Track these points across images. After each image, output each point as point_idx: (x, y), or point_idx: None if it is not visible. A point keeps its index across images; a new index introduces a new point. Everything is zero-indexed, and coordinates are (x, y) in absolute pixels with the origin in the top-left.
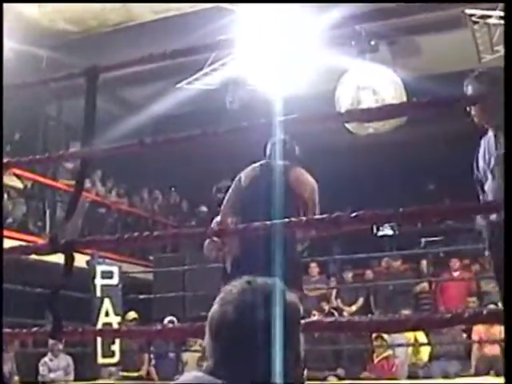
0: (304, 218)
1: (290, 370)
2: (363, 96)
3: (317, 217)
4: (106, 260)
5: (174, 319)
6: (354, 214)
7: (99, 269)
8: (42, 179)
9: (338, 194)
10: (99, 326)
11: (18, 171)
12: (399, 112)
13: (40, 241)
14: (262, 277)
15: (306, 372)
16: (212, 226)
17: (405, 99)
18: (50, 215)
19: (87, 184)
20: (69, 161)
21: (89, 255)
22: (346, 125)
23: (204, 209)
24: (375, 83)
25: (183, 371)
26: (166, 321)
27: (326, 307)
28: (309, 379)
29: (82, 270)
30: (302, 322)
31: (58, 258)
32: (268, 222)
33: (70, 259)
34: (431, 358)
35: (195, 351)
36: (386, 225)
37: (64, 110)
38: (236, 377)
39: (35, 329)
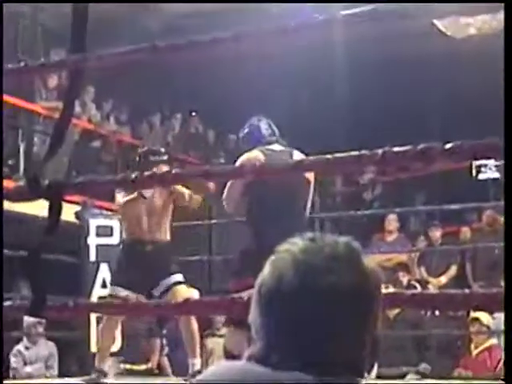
0: (380, 151)
1: (364, 360)
2: None
3: (398, 149)
4: (103, 211)
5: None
6: (448, 146)
7: (94, 223)
8: (13, 100)
9: (425, 119)
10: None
11: None
12: None
13: (12, 184)
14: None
15: (375, 367)
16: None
17: None
18: (25, 150)
19: (76, 107)
20: (52, 73)
21: (79, 205)
22: (438, 24)
23: (233, 136)
24: None
25: (207, 363)
26: None
27: (405, 278)
28: (381, 377)
29: (69, 224)
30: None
31: (37, 209)
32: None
33: (56, 208)
34: None
35: (223, 336)
36: (492, 163)
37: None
38: (294, 364)
39: (7, 303)
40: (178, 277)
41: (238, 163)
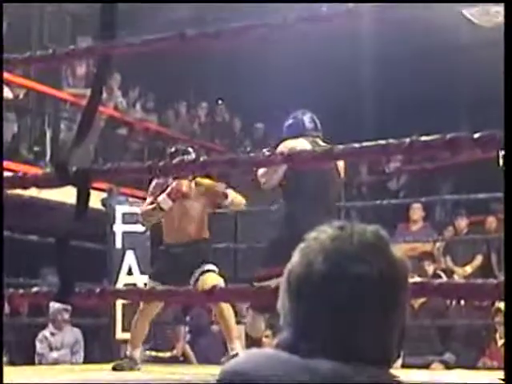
0: (407, 140)
1: (392, 349)
2: None
3: (425, 138)
4: (129, 198)
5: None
6: (476, 135)
7: (120, 210)
8: (40, 87)
9: (452, 109)
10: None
11: (5, 75)
12: None
13: (38, 171)
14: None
15: (401, 356)
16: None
17: None
18: (51, 137)
19: (103, 94)
20: (80, 60)
21: (105, 192)
22: (466, 13)
23: (260, 125)
24: None
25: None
26: None
27: (430, 268)
28: (406, 366)
29: (95, 211)
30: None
31: (63, 196)
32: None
33: (84, 195)
34: None
35: None
36: None
37: None
38: (321, 352)
39: (35, 289)
40: (209, 266)
41: (280, 148)
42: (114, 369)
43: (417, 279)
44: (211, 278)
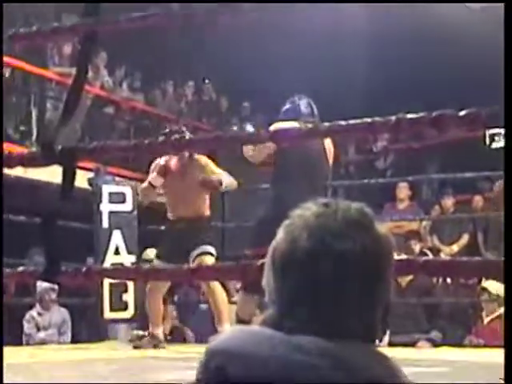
0: (393, 118)
1: (377, 326)
2: None
3: (411, 116)
4: (116, 178)
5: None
6: (462, 113)
7: (106, 189)
8: (25, 66)
9: (443, 93)
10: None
11: None
12: None
13: (24, 150)
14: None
15: (387, 334)
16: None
17: None
18: (37, 116)
19: (89, 73)
20: (65, 37)
21: (91, 171)
22: None
23: (247, 104)
24: None
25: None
26: None
27: (417, 246)
28: (392, 344)
29: (82, 191)
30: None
31: (50, 176)
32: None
33: (70, 174)
34: None
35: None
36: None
37: None
38: (307, 329)
39: (21, 268)
40: (206, 248)
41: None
42: (135, 347)
43: (403, 256)
44: (205, 261)
